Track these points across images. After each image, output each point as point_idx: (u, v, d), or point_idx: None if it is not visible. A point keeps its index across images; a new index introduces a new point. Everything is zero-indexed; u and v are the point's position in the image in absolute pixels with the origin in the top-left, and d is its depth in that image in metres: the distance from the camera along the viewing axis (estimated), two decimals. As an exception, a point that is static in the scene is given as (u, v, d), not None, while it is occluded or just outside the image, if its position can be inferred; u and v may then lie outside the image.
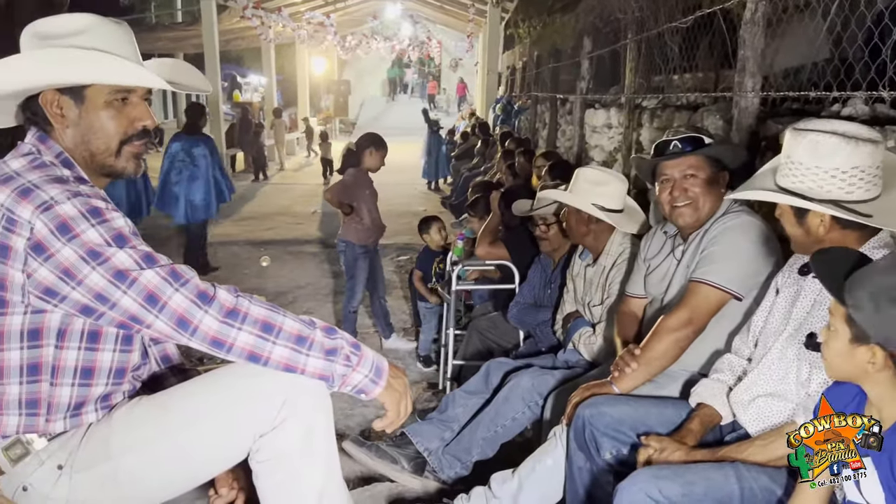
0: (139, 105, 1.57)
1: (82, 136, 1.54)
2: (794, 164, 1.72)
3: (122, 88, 1.53)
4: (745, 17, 3.06)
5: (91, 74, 1.50)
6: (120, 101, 1.54)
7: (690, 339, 2.17)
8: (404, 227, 7.81)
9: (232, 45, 19.37)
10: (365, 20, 21.00)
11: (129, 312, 1.40)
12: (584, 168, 2.99)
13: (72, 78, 1.49)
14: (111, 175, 1.60)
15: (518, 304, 3.36)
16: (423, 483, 2.72)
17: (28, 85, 1.49)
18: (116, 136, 1.55)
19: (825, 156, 1.67)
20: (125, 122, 1.55)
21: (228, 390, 1.54)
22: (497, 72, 14.52)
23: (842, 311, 1.33)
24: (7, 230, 1.37)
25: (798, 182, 1.71)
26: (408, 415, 1.65)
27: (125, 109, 1.55)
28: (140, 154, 1.60)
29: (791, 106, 3.22)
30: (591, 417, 2.09)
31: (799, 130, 1.72)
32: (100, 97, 1.52)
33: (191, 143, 6.13)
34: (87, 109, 1.52)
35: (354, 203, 4.43)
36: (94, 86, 1.51)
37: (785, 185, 1.75)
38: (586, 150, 6.90)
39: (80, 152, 1.55)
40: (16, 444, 1.50)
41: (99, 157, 1.55)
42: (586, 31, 6.82)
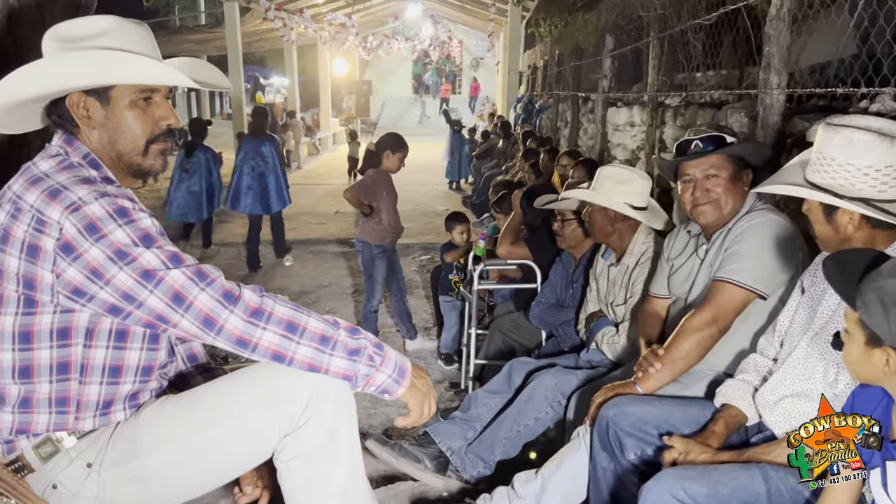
0: (163, 104, 1.59)
1: (109, 137, 1.55)
2: (825, 160, 1.69)
3: (146, 88, 1.55)
4: (770, 13, 3.03)
5: (115, 75, 1.51)
6: (144, 100, 1.56)
7: (715, 338, 2.15)
8: (427, 226, 7.82)
9: (255, 47, 19.57)
10: (386, 21, 21.08)
11: (156, 312, 1.42)
12: (606, 167, 2.97)
13: (96, 79, 1.50)
14: (139, 174, 1.62)
15: (540, 304, 3.35)
16: (446, 482, 2.72)
17: (54, 88, 1.51)
18: (143, 136, 1.56)
19: (859, 153, 1.64)
20: (150, 121, 1.57)
21: (253, 390, 1.56)
22: (518, 71, 14.48)
23: (855, 316, 1.32)
24: (37, 231, 1.39)
25: (829, 178, 1.69)
26: (431, 414, 1.65)
27: (150, 109, 1.57)
28: (166, 151, 1.62)
29: (817, 103, 3.18)
30: (615, 417, 2.08)
31: (833, 126, 1.69)
32: (125, 97, 1.53)
33: (258, 142, 6.68)
34: (113, 110, 1.54)
35: (374, 203, 4.45)
36: (118, 86, 1.52)
37: (815, 180, 1.72)
38: (609, 148, 6.86)
39: (108, 153, 1.56)
40: (46, 442, 1.52)
41: (127, 156, 1.57)
42: (608, 28, 6.79)
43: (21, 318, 1.45)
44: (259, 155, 6.61)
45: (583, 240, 3.21)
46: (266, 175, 6.62)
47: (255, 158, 6.59)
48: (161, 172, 1.66)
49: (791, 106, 3.14)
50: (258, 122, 6.88)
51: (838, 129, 1.67)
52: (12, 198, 1.44)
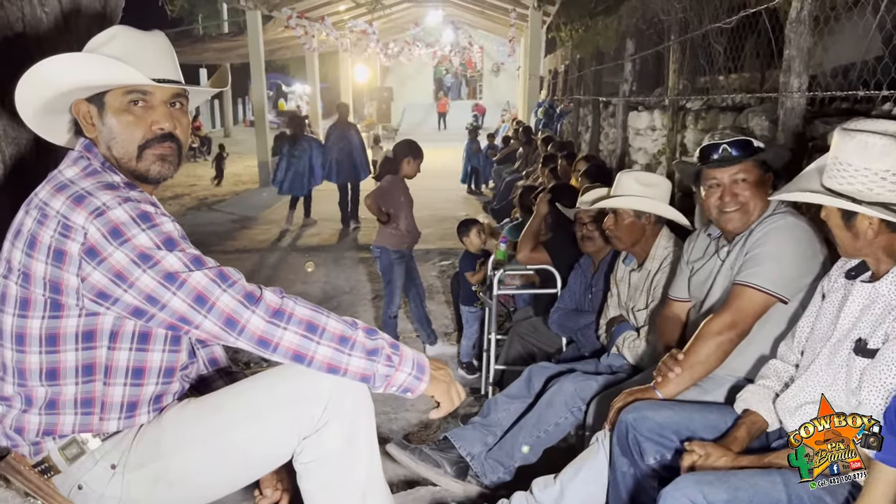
0: (158, 108, 1.57)
1: (106, 143, 1.57)
2: (842, 166, 1.68)
3: (135, 90, 1.54)
4: (791, 16, 3.00)
5: (88, 77, 1.51)
6: (138, 105, 1.56)
7: (734, 343, 2.13)
8: (446, 231, 7.83)
9: (277, 55, 19.72)
10: (407, 27, 21.16)
11: (179, 313, 1.44)
12: (627, 172, 2.95)
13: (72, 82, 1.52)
14: (141, 179, 1.60)
15: (559, 310, 3.34)
16: (466, 487, 2.72)
17: (53, 92, 1.53)
18: (135, 141, 1.56)
19: (875, 157, 1.62)
20: (143, 126, 1.56)
21: (273, 392, 1.58)
22: (539, 76, 14.47)
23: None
24: (62, 236, 1.42)
25: (846, 184, 1.67)
26: (461, 399, 1.66)
27: (144, 114, 1.56)
28: (165, 157, 1.59)
29: (840, 105, 3.15)
30: (635, 422, 2.07)
31: (848, 131, 1.68)
32: (116, 102, 1.55)
33: (344, 128, 9.09)
34: (108, 115, 1.55)
35: (391, 210, 4.49)
36: (111, 91, 1.54)
37: (832, 186, 1.71)
38: (629, 152, 6.83)
39: (110, 158, 1.57)
40: (71, 443, 1.55)
41: (122, 161, 1.57)
42: (629, 33, 6.76)
43: (48, 321, 1.48)
44: (345, 139, 8.92)
45: (604, 245, 3.20)
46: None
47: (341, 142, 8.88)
48: (168, 178, 1.62)
49: (813, 109, 3.11)
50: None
51: (854, 133, 1.66)
52: (39, 204, 1.47)
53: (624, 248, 2.91)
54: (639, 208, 2.76)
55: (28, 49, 2.03)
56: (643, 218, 2.78)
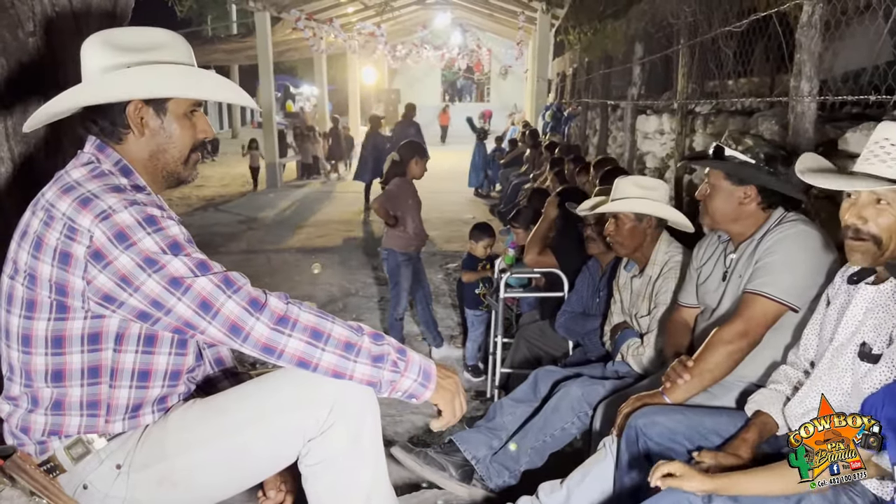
0: (202, 117, 1.65)
1: (159, 145, 1.60)
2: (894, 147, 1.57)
3: (198, 102, 1.62)
4: (802, 20, 2.99)
5: (193, 90, 1.59)
6: (194, 114, 1.62)
7: (745, 351, 2.12)
8: (454, 234, 7.82)
9: (285, 57, 19.75)
10: (415, 29, 21.17)
11: (184, 318, 1.44)
12: (625, 177, 2.94)
13: (167, 91, 1.56)
14: (176, 182, 1.66)
15: (566, 314, 3.32)
16: (471, 491, 2.71)
17: (124, 95, 1.54)
18: (187, 147, 1.63)
19: None
20: (193, 132, 1.63)
21: (279, 394, 1.57)
22: (547, 79, 14.46)
23: None
24: (68, 238, 1.42)
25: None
26: (463, 412, 1.65)
27: (193, 121, 1.62)
28: (197, 161, 1.68)
29: (850, 110, 3.13)
30: (645, 427, 2.06)
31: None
32: (180, 109, 1.59)
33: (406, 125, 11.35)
34: (169, 120, 1.59)
35: (399, 213, 4.49)
36: (175, 99, 1.58)
37: (880, 173, 1.58)
38: (638, 156, 6.81)
39: (152, 160, 1.60)
40: (77, 443, 1.55)
41: (171, 164, 1.62)
42: (638, 36, 6.74)
43: (53, 323, 1.48)
44: (406, 136, 9.66)
45: (607, 248, 3.18)
46: None
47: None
48: (194, 181, 1.70)
49: (823, 113, 3.09)
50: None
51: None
52: (45, 205, 1.47)
53: (626, 253, 2.89)
54: (639, 210, 2.76)
55: (39, 48, 2.03)
56: (644, 221, 2.78)
